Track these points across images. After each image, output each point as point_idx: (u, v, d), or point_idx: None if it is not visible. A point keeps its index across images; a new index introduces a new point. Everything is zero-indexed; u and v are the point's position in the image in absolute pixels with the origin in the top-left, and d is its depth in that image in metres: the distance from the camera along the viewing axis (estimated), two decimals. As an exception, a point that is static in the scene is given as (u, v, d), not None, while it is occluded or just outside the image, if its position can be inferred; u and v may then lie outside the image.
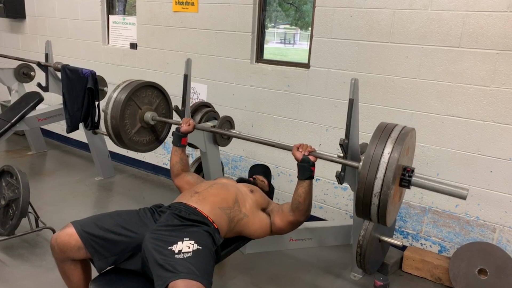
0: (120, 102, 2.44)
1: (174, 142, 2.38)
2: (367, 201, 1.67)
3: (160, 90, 2.70)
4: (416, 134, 2.71)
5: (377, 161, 1.66)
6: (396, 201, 1.80)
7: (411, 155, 1.95)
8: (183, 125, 2.38)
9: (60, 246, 1.72)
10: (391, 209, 1.73)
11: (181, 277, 1.50)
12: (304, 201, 1.99)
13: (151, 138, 2.69)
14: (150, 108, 2.63)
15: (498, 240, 2.58)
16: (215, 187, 2.13)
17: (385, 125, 1.81)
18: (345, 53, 2.90)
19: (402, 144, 1.67)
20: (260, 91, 3.36)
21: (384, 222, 1.70)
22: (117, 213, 1.89)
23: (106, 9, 4.33)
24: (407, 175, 1.75)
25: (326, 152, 3.09)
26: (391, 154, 1.65)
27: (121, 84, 2.55)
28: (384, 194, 1.63)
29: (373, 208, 1.68)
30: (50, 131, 5.20)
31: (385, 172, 1.63)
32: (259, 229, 2.12)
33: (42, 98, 4.01)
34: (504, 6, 2.33)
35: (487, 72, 2.44)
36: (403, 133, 1.72)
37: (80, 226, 1.75)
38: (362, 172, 1.68)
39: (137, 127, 2.59)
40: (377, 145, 1.69)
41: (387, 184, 1.63)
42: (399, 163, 1.66)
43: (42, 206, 3.15)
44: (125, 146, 2.58)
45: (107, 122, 2.49)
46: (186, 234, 1.74)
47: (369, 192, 1.66)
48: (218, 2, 3.42)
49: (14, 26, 5.24)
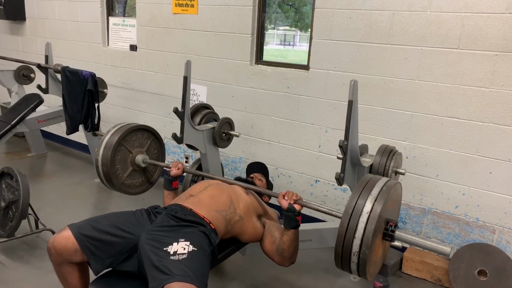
0: (110, 148, 2.44)
1: (165, 187, 2.34)
2: (346, 258, 1.64)
3: (151, 132, 2.67)
4: (416, 135, 2.73)
5: (356, 219, 1.61)
6: (379, 255, 1.77)
7: (397, 207, 1.90)
8: (173, 169, 2.33)
9: (57, 249, 1.72)
10: (372, 266, 1.70)
11: (176, 279, 1.49)
12: (288, 248, 1.93)
13: (143, 180, 2.69)
14: (141, 151, 2.61)
15: (497, 241, 2.58)
16: (209, 189, 2.12)
17: (367, 180, 1.76)
18: (344, 55, 2.91)
19: (383, 201, 1.62)
20: (259, 93, 3.37)
21: (365, 277, 1.68)
22: (113, 215, 1.89)
23: (106, 11, 4.34)
24: (390, 229, 1.71)
25: (326, 153, 3.12)
26: (371, 213, 1.59)
27: (110, 129, 2.55)
28: (363, 254, 1.59)
29: (353, 266, 1.65)
30: (50, 133, 5.20)
31: (363, 232, 1.58)
32: (253, 235, 2.11)
33: (42, 100, 4.01)
34: (503, 7, 2.34)
35: (486, 74, 2.44)
36: (385, 190, 1.67)
37: (77, 228, 1.75)
38: (341, 229, 1.63)
39: (129, 170, 2.57)
40: (358, 201, 1.64)
41: (366, 244, 1.58)
42: (380, 219, 1.61)
43: (42, 208, 3.15)
44: (117, 189, 2.57)
45: (98, 168, 2.49)
46: (181, 234, 1.73)
47: (348, 250, 1.61)
48: (218, 4, 3.43)
49: (14, 28, 5.25)
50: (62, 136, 5.01)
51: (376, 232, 1.61)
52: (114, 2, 4.41)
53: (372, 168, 2.35)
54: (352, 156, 2.11)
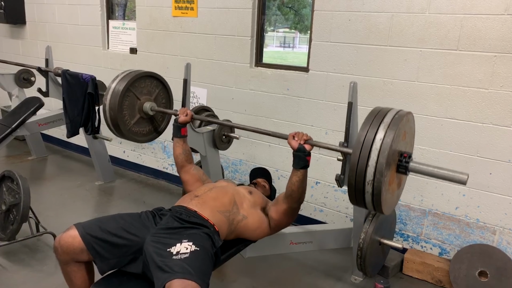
0: (118, 93, 2.42)
1: (174, 134, 2.40)
2: (360, 188, 1.58)
3: (159, 80, 2.66)
4: (415, 137, 2.72)
5: (369, 147, 1.56)
6: (394, 188, 1.71)
7: (410, 140, 1.84)
8: (181, 116, 2.39)
9: (64, 248, 1.74)
10: (388, 197, 1.64)
11: (176, 276, 1.51)
12: (298, 189, 1.98)
13: (150, 128, 2.66)
14: (149, 99, 2.60)
15: (498, 242, 2.58)
16: (214, 191, 2.15)
17: (378, 110, 1.72)
18: (344, 57, 2.91)
19: (395, 129, 1.56)
20: (259, 95, 3.38)
21: (380, 210, 1.62)
22: (120, 216, 1.91)
23: (106, 14, 4.35)
24: (404, 161, 1.65)
25: (326, 155, 3.12)
26: (384, 140, 1.54)
27: (119, 74, 2.54)
28: (378, 182, 1.53)
29: (367, 197, 1.59)
30: (50, 136, 5.21)
31: (377, 159, 1.53)
32: (258, 228, 2.14)
33: (42, 103, 4.02)
34: (501, 9, 2.35)
35: (485, 75, 2.45)
36: (397, 117, 1.63)
37: (83, 228, 1.77)
38: (353, 158, 1.58)
39: (136, 117, 2.56)
40: (369, 130, 1.60)
41: (380, 172, 1.52)
42: (393, 148, 1.56)
43: (42, 211, 3.15)
44: (124, 136, 2.55)
45: (106, 113, 2.46)
46: (185, 236, 1.75)
47: (361, 179, 1.56)
48: (217, 7, 3.44)
49: (15, 32, 5.27)
50: (63, 139, 5.02)
51: (389, 161, 1.55)
52: (114, 5, 4.43)
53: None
54: (352, 158, 2.11)
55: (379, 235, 2.46)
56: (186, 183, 2.38)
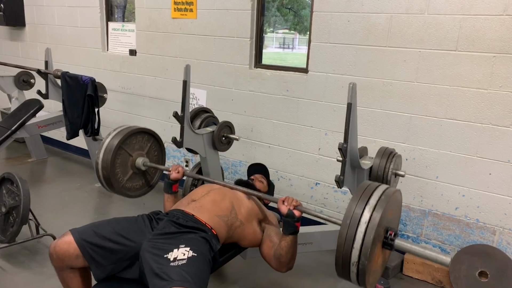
0: (110, 152, 2.44)
1: (165, 190, 2.34)
2: (346, 267, 1.63)
3: (151, 135, 2.67)
4: (415, 137, 2.73)
5: (354, 229, 1.59)
6: (378, 264, 1.76)
7: (397, 215, 1.90)
8: (173, 173, 2.33)
9: (59, 254, 1.72)
10: (372, 275, 1.70)
11: (175, 285, 1.50)
12: (286, 254, 1.92)
13: (143, 182, 2.69)
14: (141, 154, 2.62)
15: (498, 242, 2.58)
16: (211, 194, 2.12)
17: (365, 187, 1.74)
18: (343, 58, 2.92)
19: (381, 211, 1.60)
20: (259, 96, 3.38)
21: (364, 286, 1.67)
22: (115, 221, 1.88)
23: (105, 16, 4.36)
24: (390, 238, 1.70)
25: (325, 155, 3.12)
26: (369, 223, 1.58)
27: (111, 132, 2.55)
28: (362, 265, 1.58)
29: (353, 276, 1.64)
30: (50, 138, 5.21)
31: (362, 242, 1.57)
32: (253, 241, 2.11)
33: (42, 105, 4.02)
34: (500, 9, 2.35)
35: (484, 75, 2.45)
36: (383, 199, 1.65)
37: (78, 234, 1.74)
38: (339, 239, 1.62)
39: (129, 174, 2.57)
40: (355, 210, 1.63)
41: (365, 255, 1.57)
42: (378, 229, 1.60)
43: (42, 213, 3.15)
44: (117, 193, 2.57)
45: (99, 172, 2.49)
46: (182, 241, 1.73)
47: (347, 260, 1.61)
48: (217, 8, 3.45)
49: (14, 34, 5.27)
50: (62, 141, 5.02)
51: (375, 241, 1.59)
52: (114, 7, 4.43)
53: (372, 171, 2.36)
54: (352, 159, 2.11)
55: (379, 236, 2.46)
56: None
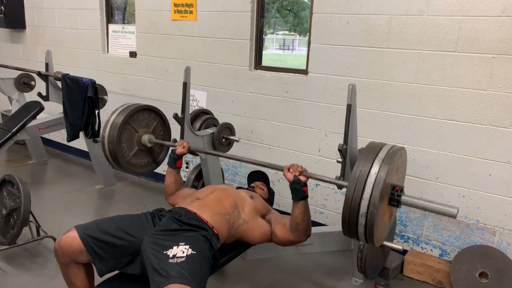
0: (116, 127, 2.46)
1: (169, 164, 2.40)
2: (353, 221, 1.63)
3: (157, 113, 2.70)
4: (415, 138, 2.74)
5: (363, 181, 1.62)
6: (385, 220, 1.77)
7: (402, 174, 1.91)
8: (178, 148, 2.40)
9: (63, 249, 1.76)
10: (380, 229, 1.70)
11: (172, 281, 1.51)
12: (302, 221, 1.96)
13: (149, 160, 2.71)
14: (147, 131, 2.64)
15: (498, 243, 2.58)
16: (215, 193, 2.15)
17: (373, 145, 1.78)
18: (342, 59, 2.92)
19: (389, 164, 1.63)
20: (259, 98, 3.38)
21: (372, 242, 1.67)
22: (119, 217, 1.93)
23: (106, 18, 4.37)
24: (396, 194, 1.71)
25: (325, 157, 3.13)
26: (378, 174, 1.60)
27: (118, 108, 2.57)
28: (371, 214, 1.58)
29: (360, 229, 1.64)
30: (50, 140, 5.21)
31: (371, 192, 1.59)
32: (259, 235, 2.13)
33: (42, 107, 4.03)
34: (499, 10, 2.36)
35: (484, 76, 2.46)
36: (391, 152, 1.69)
37: (82, 229, 1.79)
38: (348, 192, 1.64)
39: (135, 150, 2.60)
40: (364, 164, 1.65)
41: (373, 204, 1.58)
42: (387, 182, 1.62)
43: (43, 215, 3.16)
44: (123, 168, 2.59)
45: (105, 146, 2.51)
46: (182, 238, 1.76)
47: (355, 212, 1.61)
48: (217, 10, 3.45)
49: (14, 36, 5.28)
50: (63, 143, 5.02)
51: (382, 195, 1.60)
52: (114, 9, 4.44)
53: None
54: (352, 160, 2.11)
55: (379, 237, 2.46)
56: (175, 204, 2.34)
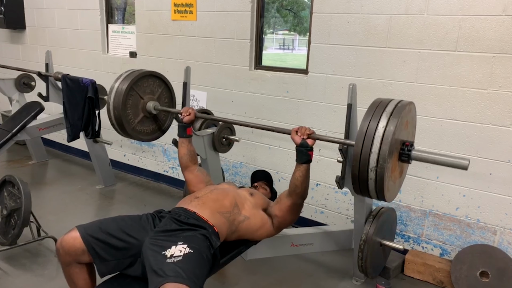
0: (121, 93, 2.45)
1: (179, 134, 2.43)
2: (363, 177, 1.59)
3: (162, 80, 2.70)
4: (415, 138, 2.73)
5: (372, 135, 1.58)
6: (396, 176, 1.72)
7: (412, 130, 1.86)
8: (185, 116, 2.41)
9: (65, 249, 1.76)
10: (391, 184, 1.65)
11: (168, 280, 1.52)
12: (301, 184, 2.00)
13: (154, 127, 2.70)
14: (152, 98, 2.63)
15: (499, 242, 2.58)
16: (215, 192, 2.16)
17: (380, 100, 1.74)
18: (343, 59, 2.92)
19: (398, 117, 1.59)
20: (259, 97, 3.38)
21: (383, 197, 1.63)
22: (121, 218, 1.93)
23: (106, 19, 4.37)
24: (406, 149, 1.67)
25: (326, 156, 3.12)
26: (386, 128, 1.57)
27: (122, 73, 2.56)
28: (381, 168, 1.55)
29: (371, 184, 1.60)
30: (51, 140, 5.21)
31: (380, 146, 1.56)
32: (260, 228, 2.15)
33: (42, 108, 4.03)
34: (499, 9, 2.36)
35: (484, 75, 2.46)
36: (400, 106, 1.64)
37: (84, 229, 1.79)
38: (356, 148, 1.60)
39: (140, 116, 2.59)
40: (371, 119, 1.62)
41: (383, 158, 1.55)
42: (396, 137, 1.58)
43: (43, 215, 3.16)
44: (128, 135, 2.60)
45: (110, 112, 2.50)
46: (181, 238, 1.76)
47: (365, 167, 1.58)
48: (216, 10, 3.45)
49: (14, 37, 5.28)
50: (63, 144, 5.02)
51: (392, 149, 1.57)
52: (114, 9, 4.44)
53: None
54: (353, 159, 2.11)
55: (380, 236, 2.46)
56: (189, 183, 2.40)
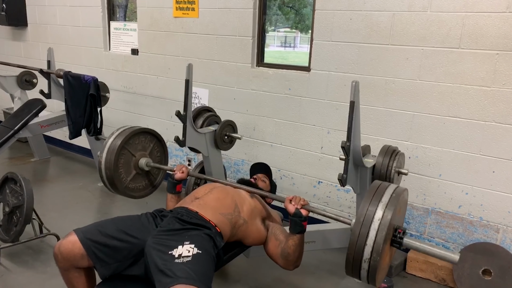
0: (113, 152, 2.44)
1: (169, 190, 2.33)
2: (356, 265, 1.66)
3: (153, 135, 2.67)
4: (418, 135, 2.73)
5: (368, 227, 1.62)
6: (386, 262, 1.80)
7: (403, 212, 1.94)
8: (177, 173, 2.32)
9: (64, 254, 1.72)
10: (381, 272, 1.73)
11: (180, 282, 1.50)
12: (294, 253, 1.94)
13: (146, 183, 2.69)
14: (144, 154, 2.61)
15: (501, 240, 2.57)
16: (214, 192, 2.13)
17: (377, 186, 1.78)
18: (345, 56, 2.91)
19: (392, 208, 1.64)
20: (261, 95, 3.38)
21: (373, 283, 1.70)
22: (119, 219, 1.89)
23: (107, 16, 4.36)
24: (399, 236, 1.73)
25: (328, 154, 3.12)
26: (382, 220, 1.61)
27: (114, 132, 2.55)
28: (374, 261, 1.60)
29: (363, 273, 1.66)
30: (52, 138, 5.22)
31: (375, 239, 1.60)
32: (257, 239, 2.11)
33: (44, 105, 4.03)
34: (503, 6, 2.34)
35: (488, 73, 2.44)
36: (394, 196, 1.70)
37: (83, 233, 1.74)
38: (352, 236, 1.65)
39: (132, 174, 2.57)
40: (369, 208, 1.67)
41: (377, 251, 1.60)
42: (390, 226, 1.64)
43: (45, 213, 3.16)
44: (121, 194, 2.57)
45: (102, 171, 2.48)
46: (186, 237, 1.74)
47: (359, 257, 1.64)
48: (219, 7, 3.44)
49: (16, 34, 5.28)
50: (65, 141, 5.03)
51: (386, 240, 1.62)
52: (115, 6, 4.43)
53: (375, 169, 2.35)
54: (355, 157, 2.11)
55: (382, 234, 2.46)
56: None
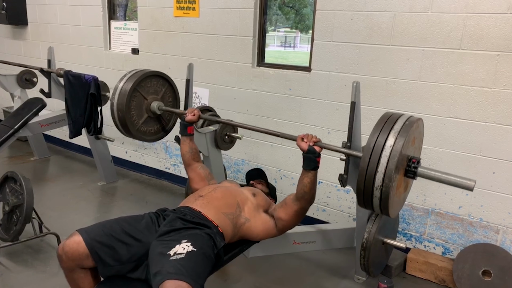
0: (125, 94, 2.44)
1: (181, 132, 2.44)
2: (368, 193, 1.60)
3: (165, 79, 2.68)
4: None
5: (379, 153, 1.58)
6: (401, 192, 1.72)
7: (419, 145, 1.86)
8: (188, 115, 2.42)
9: (68, 254, 1.71)
10: (395, 201, 1.66)
11: (169, 277, 1.50)
12: (310, 190, 2.00)
13: (158, 127, 2.69)
14: (156, 98, 2.62)
15: (501, 241, 2.57)
16: (218, 191, 2.15)
17: (389, 115, 1.72)
18: (346, 56, 2.91)
19: (405, 136, 1.58)
20: (261, 95, 3.37)
21: (387, 213, 1.64)
22: (123, 219, 1.88)
23: (108, 15, 4.36)
24: (413, 166, 1.67)
25: (328, 154, 3.11)
26: (394, 146, 1.56)
27: (126, 74, 2.55)
28: (386, 187, 1.55)
29: (375, 201, 1.61)
30: (52, 137, 5.21)
31: (386, 165, 1.55)
32: (263, 231, 2.13)
33: (44, 104, 4.02)
34: (504, 7, 2.34)
35: (488, 74, 2.44)
36: (408, 124, 1.64)
37: (87, 233, 1.74)
38: (362, 164, 1.60)
39: (144, 117, 2.58)
40: (379, 136, 1.61)
41: (388, 177, 1.54)
42: (403, 154, 1.58)
43: (45, 212, 3.16)
44: (133, 136, 2.58)
45: (114, 113, 2.48)
46: (185, 236, 1.75)
47: (370, 184, 1.58)
48: (219, 7, 3.44)
49: (17, 33, 5.28)
50: (65, 140, 5.02)
51: (398, 167, 1.57)
52: (116, 5, 4.43)
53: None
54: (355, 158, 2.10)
55: (382, 234, 2.46)
56: (192, 181, 2.40)
